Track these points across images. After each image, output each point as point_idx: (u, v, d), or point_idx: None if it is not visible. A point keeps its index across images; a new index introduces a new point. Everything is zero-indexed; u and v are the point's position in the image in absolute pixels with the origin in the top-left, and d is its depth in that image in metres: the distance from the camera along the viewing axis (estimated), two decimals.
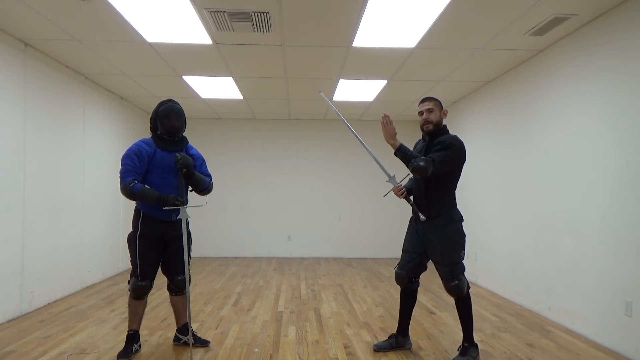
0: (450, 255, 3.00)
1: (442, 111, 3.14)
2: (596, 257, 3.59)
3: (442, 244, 3.01)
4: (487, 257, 5.60)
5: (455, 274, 2.98)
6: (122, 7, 3.51)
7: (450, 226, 3.03)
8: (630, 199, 3.26)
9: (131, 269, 3.13)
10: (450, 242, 3.01)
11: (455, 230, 3.03)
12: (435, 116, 3.09)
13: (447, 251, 3.01)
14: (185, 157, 3.06)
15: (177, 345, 3.37)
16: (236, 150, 8.39)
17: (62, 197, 4.96)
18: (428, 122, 3.10)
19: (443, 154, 2.95)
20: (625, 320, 3.26)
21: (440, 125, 3.12)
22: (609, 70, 3.49)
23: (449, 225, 3.03)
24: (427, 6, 3.48)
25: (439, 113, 3.11)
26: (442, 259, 3.02)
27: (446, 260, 3.00)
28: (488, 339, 3.58)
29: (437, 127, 3.10)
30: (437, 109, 3.11)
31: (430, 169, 2.89)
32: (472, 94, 6.15)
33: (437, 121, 3.10)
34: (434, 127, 3.10)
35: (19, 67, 4.23)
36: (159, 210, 3.04)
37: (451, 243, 3.01)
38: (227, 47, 4.40)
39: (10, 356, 3.14)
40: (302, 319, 4.15)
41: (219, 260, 7.80)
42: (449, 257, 3.00)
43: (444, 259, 3.01)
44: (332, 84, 5.77)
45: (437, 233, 3.03)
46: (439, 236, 3.02)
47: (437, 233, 3.03)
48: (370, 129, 8.27)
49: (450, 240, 3.01)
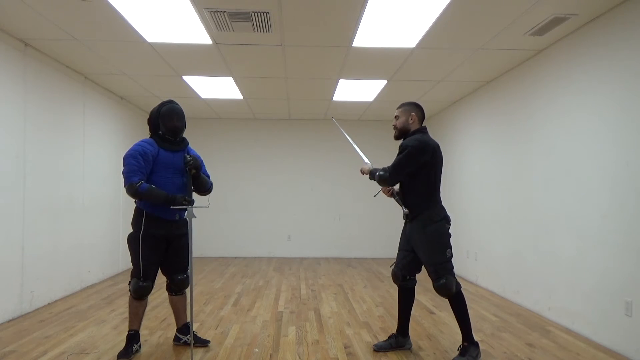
0: (432, 256, 3.03)
1: (410, 115, 3.21)
2: (596, 257, 3.59)
3: (424, 244, 3.06)
4: (487, 257, 5.60)
5: (440, 273, 3.00)
6: (122, 7, 3.51)
7: (430, 226, 3.05)
8: (630, 199, 3.26)
9: (132, 269, 3.12)
10: (431, 243, 3.04)
11: (436, 230, 3.05)
12: (400, 122, 3.24)
13: (429, 251, 3.04)
14: (195, 159, 3.16)
15: (177, 345, 3.37)
16: (236, 150, 8.39)
17: (62, 197, 4.96)
18: (394, 127, 3.28)
19: (397, 158, 3.09)
20: (625, 320, 3.26)
21: (406, 130, 3.21)
22: (609, 70, 3.49)
23: (428, 225, 3.05)
24: (427, 6, 3.48)
25: (405, 118, 3.21)
26: (426, 259, 3.07)
27: (430, 260, 3.04)
28: (488, 339, 3.58)
29: (402, 132, 3.23)
30: (404, 115, 3.23)
31: (389, 177, 3.09)
32: (472, 94, 6.14)
33: (401, 127, 3.23)
34: (398, 133, 3.26)
35: (19, 67, 4.23)
36: (163, 209, 3.05)
37: (432, 243, 3.04)
38: (227, 47, 4.40)
39: (10, 356, 3.14)
40: (302, 319, 4.15)
41: (219, 260, 7.80)
42: (432, 257, 3.03)
43: (428, 259, 3.05)
44: (332, 84, 5.77)
45: (418, 234, 3.09)
46: (420, 237, 3.07)
47: (418, 234, 3.09)
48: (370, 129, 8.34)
49: (431, 241, 3.04)
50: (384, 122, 8.37)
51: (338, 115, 7.86)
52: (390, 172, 3.08)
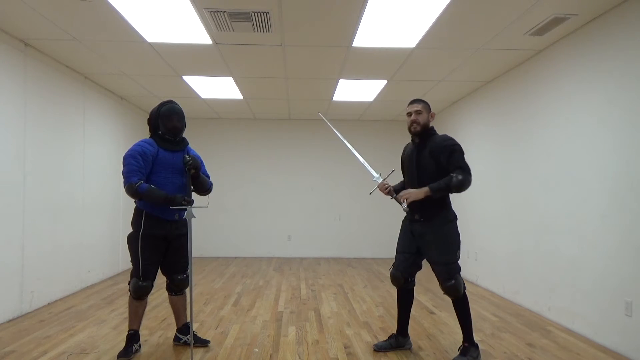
0: (446, 255, 3.01)
1: (430, 114, 3.18)
2: (596, 257, 3.59)
3: (439, 243, 3.03)
4: (487, 257, 5.60)
5: (451, 273, 3.00)
6: (122, 7, 3.51)
7: (446, 225, 3.05)
8: (630, 199, 3.25)
9: (132, 269, 3.12)
10: (447, 242, 3.03)
11: (451, 229, 3.06)
12: (423, 118, 3.14)
13: (443, 251, 3.02)
14: (195, 159, 3.15)
15: (177, 345, 3.37)
16: (236, 150, 8.40)
17: (62, 197, 4.96)
18: (416, 123, 3.14)
19: (460, 157, 3.01)
20: (625, 320, 3.26)
21: (428, 127, 3.16)
22: (609, 70, 3.49)
23: (445, 224, 3.05)
24: (427, 6, 3.48)
25: (427, 115, 3.16)
26: (438, 258, 3.04)
27: (443, 260, 3.02)
28: (488, 339, 3.58)
29: (425, 129, 3.16)
30: (425, 112, 3.16)
31: (469, 176, 2.97)
32: (472, 94, 6.14)
33: (424, 123, 3.14)
34: (421, 129, 3.15)
35: (19, 67, 4.23)
36: (163, 209, 3.05)
37: (448, 243, 3.03)
38: (227, 47, 4.40)
39: (10, 356, 3.14)
40: (302, 319, 4.15)
41: (219, 260, 7.80)
42: (446, 257, 3.01)
43: (441, 259, 3.02)
44: (332, 84, 5.77)
45: (433, 233, 3.05)
46: (436, 236, 3.04)
47: (433, 233, 3.05)
48: (370, 129, 8.34)
49: (447, 240, 3.03)
50: (384, 122, 8.37)
51: (338, 115, 7.86)
52: (468, 172, 2.97)
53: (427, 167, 3.08)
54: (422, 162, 3.11)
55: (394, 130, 8.16)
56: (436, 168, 3.04)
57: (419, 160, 3.13)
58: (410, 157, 3.21)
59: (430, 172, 3.05)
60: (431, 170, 3.06)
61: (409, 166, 3.22)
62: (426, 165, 3.09)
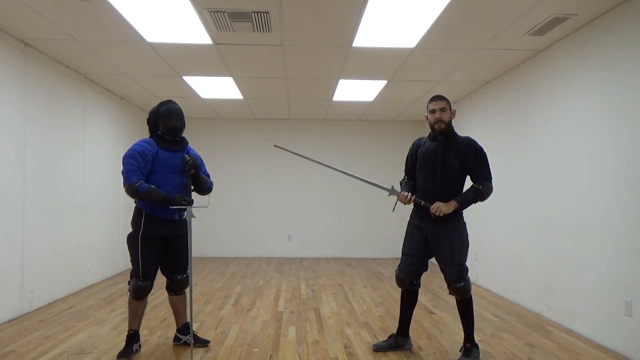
0: (459, 256, 3.03)
1: (452, 111, 3.14)
2: (596, 257, 3.59)
3: (453, 244, 3.03)
4: (487, 257, 5.60)
5: (462, 274, 3.01)
6: (122, 7, 3.51)
7: (461, 227, 3.08)
8: (630, 199, 3.25)
9: (132, 269, 3.12)
10: (460, 243, 3.05)
11: (465, 231, 3.09)
12: (447, 116, 3.07)
13: (457, 252, 3.03)
14: (194, 159, 3.15)
15: (177, 345, 3.37)
16: (236, 150, 8.39)
17: (62, 197, 4.96)
18: (441, 121, 3.06)
19: (487, 167, 3.05)
20: (625, 320, 3.26)
21: (450, 125, 3.12)
22: (609, 70, 3.49)
23: (459, 226, 3.08)
24: (427, 6, 3.48)
25: (450, 113, 3.10)
26: (451, 259, 3.02)
27: (455, 261, 3.02)
28: (488, 339, 3.58)
29: (448, 127, 3.10)
30: (449, 109, 3.10)
31: (491, 186, 3.05)
32: (472, 94, 6.14)
33: (449, 121, 3.08)
34: (446, 127, 3.08)
35: (19, 67, 4.23)
36: (162, 209, 3.05)
37: (462, 244, 3.05)
38: (227, 47, 4.40)
39: (10, 356, 3.14)
40: (302, 319, 4.15)
41: (219, 260, 7.80)
42: (458, 258, 3.02)
43: (454, 260, 3.02)
44: (332, 84, 5.77)
45: (449, 234, 3.04)
46: (451, 237, 3.04)
47: (449, 234, 3.04)
48: (370, 129, 8.34)
49: (461, 241, 3.05)
50: (384, 122, 8.37)
51: (338, 115, 7.86)
52: (490, 180, 3.04)
53: (452, 166, 3.04)
54: (448, 162, 3.05)
55: (394, 130, 8.16)
56: (460, 169, 3.05)
57: (444, 158, 3.05)
58: (434, 154, 3.08)
59: (454, 172, 3.05)
60: (455, 170, 3.04)
61: (431, 163, 3.09)
62: (451, 164, 3.04)
